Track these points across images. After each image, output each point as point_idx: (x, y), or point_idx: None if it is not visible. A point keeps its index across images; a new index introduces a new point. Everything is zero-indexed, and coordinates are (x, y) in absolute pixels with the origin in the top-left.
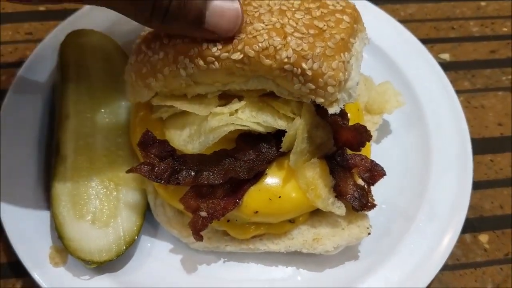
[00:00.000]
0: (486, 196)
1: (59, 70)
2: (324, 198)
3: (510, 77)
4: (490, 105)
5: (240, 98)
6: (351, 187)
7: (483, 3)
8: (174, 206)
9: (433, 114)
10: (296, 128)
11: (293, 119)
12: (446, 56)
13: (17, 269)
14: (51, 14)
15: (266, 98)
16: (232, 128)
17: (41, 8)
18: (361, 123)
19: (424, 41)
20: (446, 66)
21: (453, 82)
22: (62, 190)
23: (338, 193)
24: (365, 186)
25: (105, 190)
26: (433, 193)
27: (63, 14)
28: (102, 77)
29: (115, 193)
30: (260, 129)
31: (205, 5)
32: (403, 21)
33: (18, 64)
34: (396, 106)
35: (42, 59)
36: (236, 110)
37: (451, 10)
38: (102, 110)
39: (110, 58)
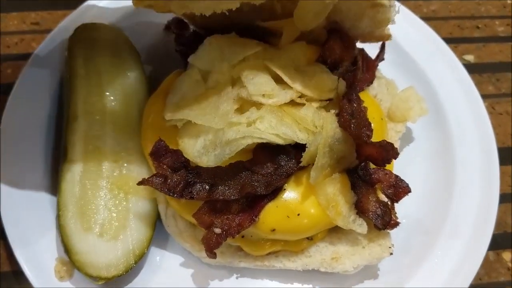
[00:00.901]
0: (510, 210)
1: (67, 66)
2: (345, 215)
3: None
4: None
5: (258, 107)
6: (374, 203)
7: (509, 1)
8: (187, 219)
9: (457, 121)
10: (317, 144)
11: (314, 132)
12: (470, 58)
13: (20, 279)
14: (60, 2)
15: (286, 107)
16: (250, 141)
17: None
18: (385, 133)
19: (448, 41)
20: (470, 68)
21: (477, 85)
22: (69, 199)
23: (360, 209)
24: (388, 203)
25: (114, 199)
26: (457, 209)
27: (73, 3)
28: (113, 74)
29: (124, 202)
30: (279, 141)
31: None
32: (426, 18)
33: (24, 56)
34: (420, 114)
35: (49, 53)
36: (254, 120)
37: (475, 7)
38: (112, 110)
39: (120, 54)
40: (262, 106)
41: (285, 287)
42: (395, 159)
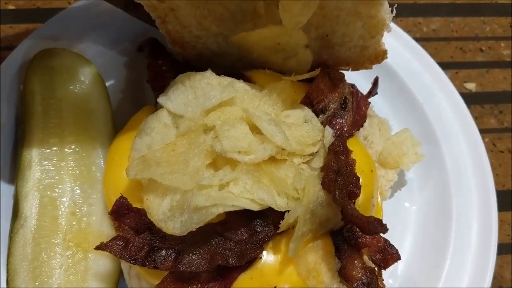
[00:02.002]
0: (507, 263)
1: (23, 102)
2: (327, 284)
3: None
4: None
5: (233, 166)
6: (359, 270)
7: None
8: (151, 282)
9: (453, 161)
10: (297, 214)
11: (294, 198)
12: (472, 86)
13: None
14: (24, 15)
15: (263, 165)
16: (221, 210)
17: (11, 6)
18: (374, 187)
19: (448, 65)
20: (471, 98)
21: (478, 118)
22: (20, 262)
23: (344, 277)
24: (375, 269)
25: (71, 258)
26: (451, 268)
27: (37, 16)
28: (74, 111)
29: (83, 262)
30: (255, 207)
31: None
32: (426, 39)
33: None
34: (415, 161)
35: (7, 78)
36: (228, 183)
37: (480, 26)
38: (72, 155)
39: (84, 86)
40: (237, 164)
41: None
42: (384, 233)
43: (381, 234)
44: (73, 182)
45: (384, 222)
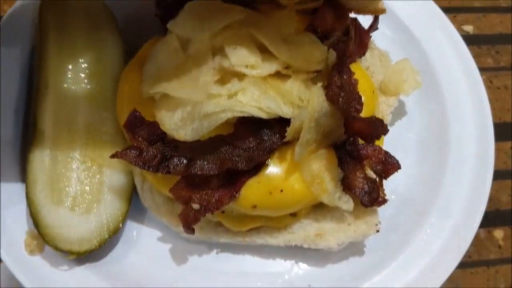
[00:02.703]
0: (504, 187)
1: (38, 33)
2: (330, 192)
3: None
4: None
5: (241, 78)
6: (361, 180)
7: None
8: (164, 193)
9: (452, 95)
10: (302, 118)
11: (299, 106)
12: (469, 29)
13: None
14: None
15: (270, 79)
16: (230, 115)
17: None
18: (375, 107)
19: (446, 10)
20: (469, 40)
21: (475, 58)
22: (38, 171)
23: (346, 186)
24: (377, 179)
25: (87, 172)
26: (449, 186)
27: None
28: (87, 42)
29: (98, 175)
30: (263, 115)
31: None
32: None
33: None
34: (414, 87)
35: (20, 18)
36: (236, 92)
37: None
38: (86, 80)
39: (95, 19)
40: (245, 77)
41: (266, 263)
42: (384, 135)
43: (382, 147)
44: (87, 103)
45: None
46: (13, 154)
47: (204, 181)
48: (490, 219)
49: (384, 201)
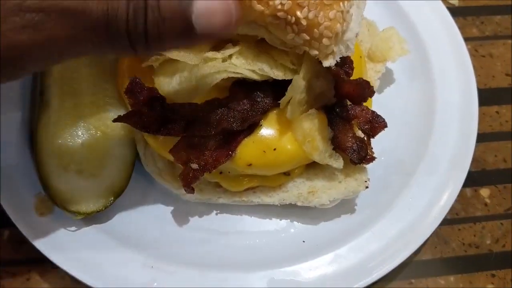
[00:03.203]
0: (489, 149)
1: None
2: (321, 150)
3: None
4: (499, 54)
5: (235, 43)
6: (350, 139)
7: None
8: (165, 156)
9: (438, 63)
10: (296, 91)
11: (291, 69)
12: (455, 2)
13: (3, 219)
14: None
15: (263, 44)
16: (225, 75)
17: None
18: (363, 72)
19: None
20: (454, 12)
21: (461, 28)
22: (46, 138)
23: (336, 145)
24: (365, 138)
25: (92, 138)
26: (435, 146)
27: None
28: None
29: (102, 142)
30: (256, 77)
31: (188, 8)
32: None
33: None
34: (400, 54)
35: None
36: (230, 56)
37: None
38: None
39: None
40: (239, 42)
41: (263, 222)
42: (371, 97)
43: (369, 108)
44: (90, 76)
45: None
46: (20, 124)
47: (202, 142)
48: (477, 179)
49: (372, 158)
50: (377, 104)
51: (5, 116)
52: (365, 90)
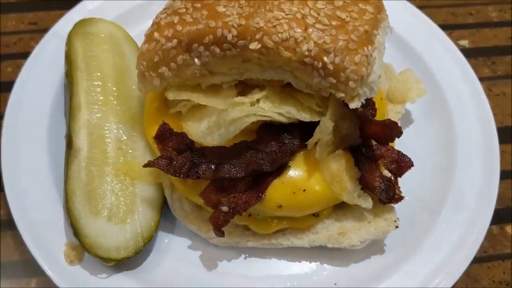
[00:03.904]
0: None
1: (68, 60)
2: (350, 190)
3: None
4: None
5: (261, 88)
6: (378, 178)
7: None
8: (193, 200)
9: (455, 102)
10: (324, 132)
11: (317, 111)
12: (465, 43)
13: (31, 268)
14: (56, 2)
15: (288, 88)
16: (254, 118)
17: None
18: (385, 113)
19: (442, 27)
20: (465, 53)
21: (473, 69)
22: (76, 185)
23: (364, 185)
24: (392, 178)
25: (120, 184)
26: (460, 184)
27: (69, 3)
28: (113, 67)
29: (130, 187)
30: (283, 119)
31: None
32: (420, 7)
33: (24, 55)
34: (419, 95)
35: (48, 49)
36: (258, 100)
37: None
38: (114, 101)
39: (120, 47)
40: (265, 87)
41: (293, 265)
42: (398, 137)
43: (395, 146)
44: (117, 123)
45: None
46: (50, 172)
47: (232, 185)
48: (502, 216)
49: (400, 198)
50: (398, 144)
51: (36, 162)
52: (393, 131)
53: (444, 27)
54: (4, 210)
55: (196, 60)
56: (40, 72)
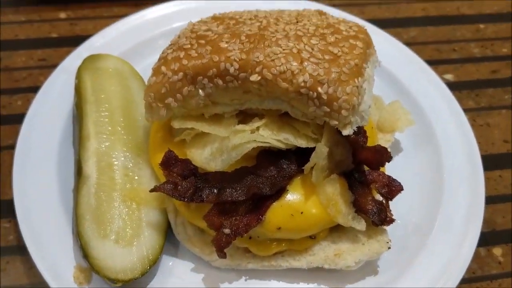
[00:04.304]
0: (497, 210)
1: (78, 93)
2: (344, 213)
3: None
4: (495, 123)
5: (260, 117)
6: (370, 202)
7: (482, 26)
8: (196, 224)
9: (442, 131)
10: (320, 157)
11: (313, 138)
12: (449, 77)
13: None
14: (64, 40)
15: (285, 117)
16: (254, 145)
17: (54, 34)
18: (375, 141)
19: (428, 62)
20: (450, 86)
21: (458, 101)
22: (86, 210)
23: (358, 208)
24: (383, 201)
25: (127, 209)
26: (447, 208)
27: (76, 41)
28: (120, 99)
29: (137, 212)
30: (281, 146)
31: None
32: (406, 44)
33: (33, 89)
34: (407, 125)
35: (58, 83)
36: (257, 128)
37: (451, 32)
38: (122, 131)
39: (126, 81)
40: (264, 116)
41: (291, 286)
42: (388, 162)
43: (385, 172)
44: (124, 151)
45: None
46: (59, 197)
47: (233, 208)
48: (488, 239)
49: (392, 220)
50: (388, 171)
51: (46, 189)
52: (383, 156)
53: (430, 62)
54: (13, 236)
55: (200, 91)
56: (50, 104)
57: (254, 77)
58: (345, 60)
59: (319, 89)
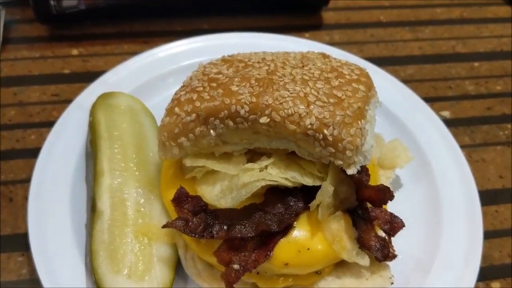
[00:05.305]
0: (494, 245)
1: (92, 129)
2: (349, 249)
3: (506, 132)
4: (490, 159)
5: (269, 156)
6: (373, 238)
7: (476, 64)
8: (205, 259)
9: (439, 167)
10: (325, 195)
11: (319, 176)
12: (446, 114)
13: None
14: (76, 76)
15: (292, 156)
16: (263, 183)
17: (66, 70)
18: (377, 178)
19: (425, 100)
20: (446, 123)
21: (454, 137)
22: (100, 245)
23: (361, 244)
24: (386, 237)
25: (139, 244)
26: (447, 244)
27: (87, 77)
28: (132, 136)
29: (148, 247)
30: (289, 184)
31: None
32: (404, 81)
33: (46, 124)
34: (406, 161)
35: (73, 119)
36: (266, 166)
37: (447, 70)
38: (134, 167)
39: (138, 117)
40: (272, 155)
41: None
42: (391, 200)
43: (387, 209)
44: (136, 187)
45: None
46: (73, 232)
47: (242, 244)
48: (487, 274)
49: (394, 256)
50: (389, 205)
51: (60, 224)
52: (386, 194)
53: (427, 99)
54: (26, 270)
55: (212, 131)
56: (65, 139)
57: (264, 119)
58: (348, 103)
59: (325, 131)
